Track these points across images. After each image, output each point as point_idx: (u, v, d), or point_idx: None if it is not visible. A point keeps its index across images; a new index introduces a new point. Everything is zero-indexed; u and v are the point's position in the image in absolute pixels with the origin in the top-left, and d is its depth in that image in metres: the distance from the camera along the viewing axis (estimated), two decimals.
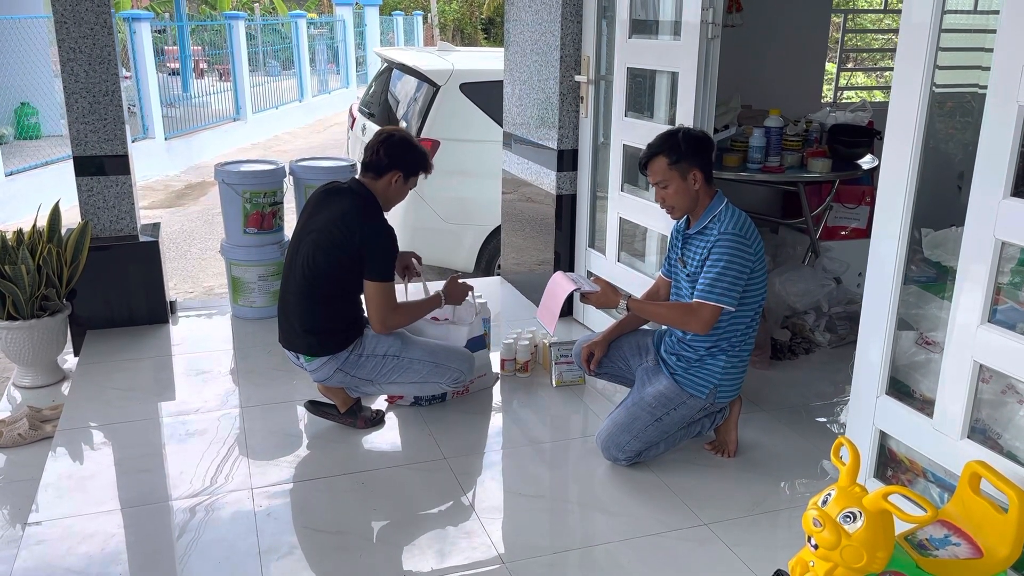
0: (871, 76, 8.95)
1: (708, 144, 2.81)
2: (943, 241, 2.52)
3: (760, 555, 2.44)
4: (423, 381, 3.11)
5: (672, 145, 2.75)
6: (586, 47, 3.92)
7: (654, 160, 2.78)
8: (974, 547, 1.94)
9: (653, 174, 2.79)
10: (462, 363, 3.16)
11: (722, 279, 2.67)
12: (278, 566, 2.37)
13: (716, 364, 2.82)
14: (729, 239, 2.69)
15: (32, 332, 3.62)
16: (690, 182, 2.75)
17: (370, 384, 3.10)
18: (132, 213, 4.06)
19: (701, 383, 2.83)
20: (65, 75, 3.80)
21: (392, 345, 3.05)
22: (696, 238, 2.82)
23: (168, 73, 12.44)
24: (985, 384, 2.27)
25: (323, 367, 3.02)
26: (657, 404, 2.83)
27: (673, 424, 2.85)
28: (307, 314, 2.99)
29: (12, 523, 2.76)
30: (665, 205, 2.82)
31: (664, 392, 2.84)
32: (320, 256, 2.94)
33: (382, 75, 6.20)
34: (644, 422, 2.82)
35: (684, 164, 2.73)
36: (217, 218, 7.81)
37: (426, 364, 3.08)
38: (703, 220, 2.79)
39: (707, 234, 2.77)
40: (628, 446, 2.83)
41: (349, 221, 2.92)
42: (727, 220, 2.73)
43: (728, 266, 2.67)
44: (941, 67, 2.33)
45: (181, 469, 2.87)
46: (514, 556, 2.43)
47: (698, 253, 2.79)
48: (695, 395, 2.83)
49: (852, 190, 4.59)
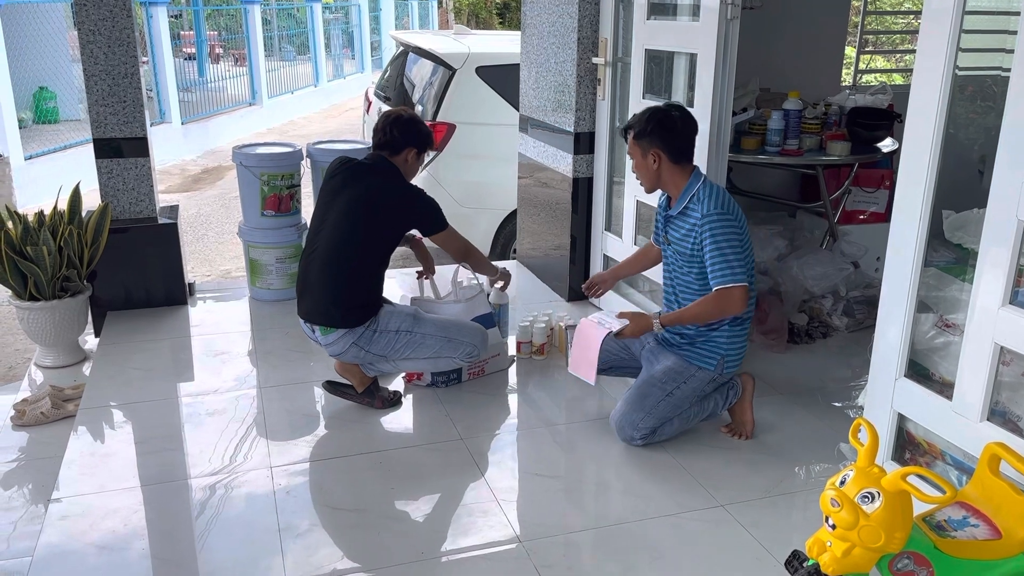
0: (891, 59, 8.86)
1: (672, 124, 2.81)
2: (964, 223, 2.50)
3: (777, 536, 2.44)
4: (436, 356, 3.14)
5: (638, 120, 2.84)
6: (604, 29, 3.90)
7: (627, 133, 2.90)
8: (993, 528, 1.94)
9: (628, 147, 2.91)
10: (474, 337, 3.18)
11: (728, 260, 2.72)
12: (297, 543, 2.40)
13: (720, 336, 2.87)
14: (714, 220, 2.73)
15: (54, 312, 3.66)
16: (649, 160, 2.82)
17: (384, 360, 3.12)
18: (151, 195, 4.09)
19: (708, 355, 2.87)
20: (85, 57, 3.83)
21: (405, 321, 3.09)
22: (678, 219, 2.87)
23: (184, 58, 12.46)
24: (1005, 367, 2.26)
25: (338, 341, 3.05)
26: (667, 379, 2.85)
27: (684, 399, 2.86)
28: (331, 285, 3.04)
29: (35, 500, 2.80)
30: (638, 178, 2.93)
31: (672, 367, 2.87)
32: (354, 228, 3.02)
33: (398, 59, 6.20)
34: (656, 398, 2.84)
35: (644, 142, 2.82)
36: (233, 202, 7.86)
37: (438, 339, 3.10)
38: (682, 200, 2.85)
39: (689, 215, 2.82)
40: (642, 423, 2.84)
41: (393, 191, 3.06)
42: (706, 200, 2.77)
43: (726, 246, 2.72)
44: (964, 49, 2.30)
45: (200, 448, 2.90)
46: (531, 535, 2.45)
47: (681, 232, 2.85)
48: (704, 367, 2.87)
49: (871, 174, 4.56)
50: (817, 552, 1.92)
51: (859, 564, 1.87)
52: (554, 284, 4.49)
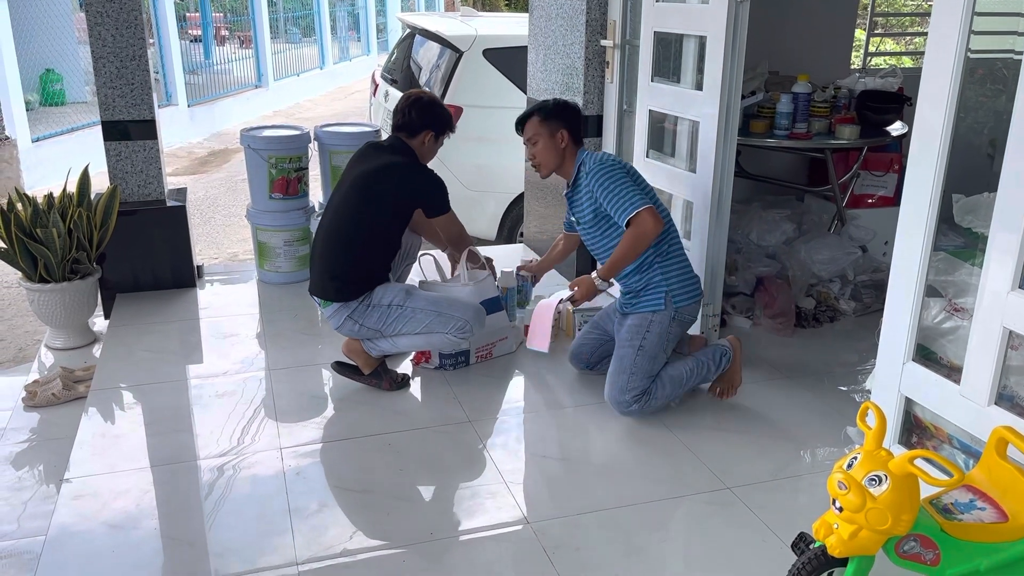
0: (900, 42, 8.80)
1: (575, 110, 3.12)
2: (975, 207, 2.50)
3: (783, 519, 2.45)
4: (428, 331, 3.14)
5: (545, 108, 3.09)
6: (612, 11, 3.88)
7: (528, 120, 3.10)
8: (999, 511, 1.95)
9: (527, 130, 3.10)
10: (465, 312, 3.15)
11: (622, 195, 2.89)
12: (307, 523, 2.42)
13: (654, 274, 3.02)
14: (596, 173, 2.96)
15: (64, 294, 3.68)
16: (558, 139, 3.05)
17: (379, 335, 3.15)
18: (159, 178, 4.09)
19: (653, 298, 3.02)
20: (92, 39, 3.82)
21: (397, 295, 3.11)
22: (574, 193, 3.11)
23: (190, 40, 12.43)
24: (1014, 351, 2.26)
25: (335, 314, 3.12)
26: (632, 336, 2.99)
27: (654, 346, 2.98)
28: (330, 259, 3.12)
29: (47, 480, 2.83)
30: (535, 161, 3.12)
31: (632, 324, 3.03)
32: (361, 204, 3.07)
33: (404, 41, 6.17)
34: (630, 357, 2.96)
35: (552, 123, 3.06)
36: (240, 185, 7.86)
37: (428, 313, 3.11)
38: (575, 176, 3.10)
39: (580, 184, 3.07)
40: (629, 384, 2.93)
41: (396, 170, 3.11)
42: (588, 162, 3.03)
43: (615, 186, 2.90)
44: (976, 32, 2.29)
45: (210, 429, 2.92)
46: (538, 517, 2.47)
47: (582, 204, 3.06)
48: (656, 310, 3.00)
49: (880, 157, 4.53)
50: (824, 534, 1.93)
51: (866, 546, 1.88)
52: (561, 268, 4.49)
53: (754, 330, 3.75)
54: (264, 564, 2.26)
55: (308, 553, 2.30)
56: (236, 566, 2.26)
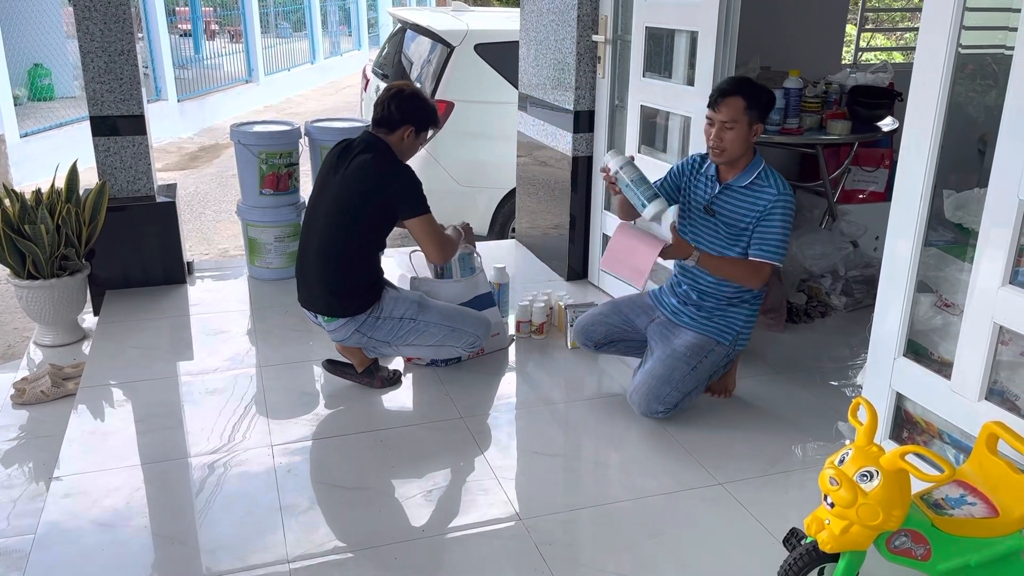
0: (891, 37, 8.81)
1: (773, 105, 2.86)
2: (966, 203, 2.50)
3: (774, 514, 2.46)
4: (439, 345, 3.13)
5: (754, 93, 2.76)
6: (604, 6, 3.87)
7: (732, 97, 2.75)
8: (990, 507, 1.95)
9: (726, 109, 2.75)
10: (478, 327, 3.18)
11: (783, 240, 2.80)
12: (298, 521, 2.41)
13: (739, 313, 2.95)
14: (787, 201, 2.80)
15: (52, 291, 3.65)
16: (752, 134, 2.80)
17: (387, 345, 3.12)
18: (149, 174, 4.07)
19: (725, 330, 2.95)
20: (81, 34, 3.79)
21: (409, 308, 3.06)
22: (742, 192, 2.85)
23: (179, 35, 12.36)
24: (1004, 346, 2.26)
25: (341, 328, 3.05)
26: (691, 353, 2.90)
27: (705, 371, 2.94)
28: (328, 275, 3.02)
29: (36, 478, 2.81)
30: (719, 146, 2.79)
31: (694, 342, 2.93)
32: (343, 214, 2.97)
33: (395, 36, 6.15)
34: (682, 372, 2.88)
35: (755, 114, 2.76)
36: (231, 180, 7.83)
37: (442, 328, 3.09)
38: (748, 175, 2.84)
39: (757, 191, 2.82)
40: (669, 398, 2.88)
41: (369, 172, 2.95)
42: (779, 181, 2.82)
43: (786, 227, 2.80)
44: (967, 27, 2.29)
45: (200, 427, 2.90)
46: (530, 513, 2.46)
47: (744, 206, 2.83)
48: (721, 342, 2.95)
49: (871, 153, 4.54)
50: (815, 530, 1.94)
51: (857, 542, 1.88)
52: (553, 263, 4.49)
53: None
54: (255, 562, 2.25)
55: (299, 550, 2.29)
56: (227, 564, 2.25)
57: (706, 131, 2.82)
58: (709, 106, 2.80)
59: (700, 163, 2.98)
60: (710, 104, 2.80)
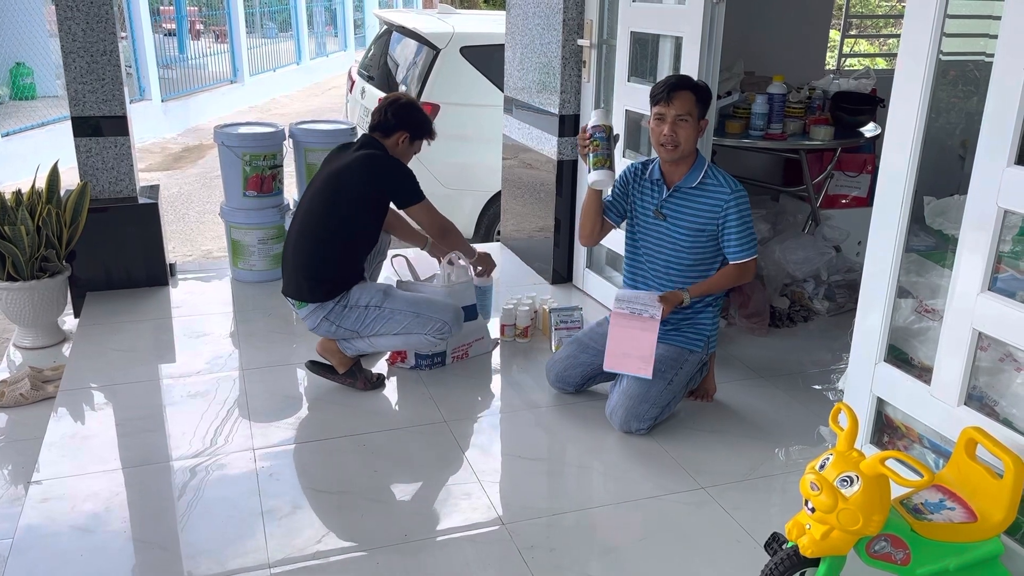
0: (874, 43, 8.88)
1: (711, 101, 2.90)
2: (945, 209, 2.52)
3: (756, 518, 2.47)
4: (406, 332, 3.12)
5: (700, 89, 2.81)
6: (589, 11, 3.87)
7: (684, 91, 2.76)
8: (968, 511, 1.97)
9: (679, 102, 2.74)
10: (445, 313, 3.13)
11: (752, 232, 2.85)
12: (280, 525, 2.40)
13: (706, 318, 2.98)
14: (742, 197, 2.83)
15: (32, 293, 3.62)
16: (700, 127, 2.83)
17: (356, 336, 3.12)
18: (131, 175, 4.04)
19: (695, 338, 2.97)
20: (62, 34, 3.76)
21: (375, 296, 3.10)
22: (693, 193, 2.86)
23: (164, 34, 12.28)
24: (983, 352, 2.28)
25: (311, 315, 3.11)
26: (666, 368, 2.89)
27: (682, 382, 2.94)
28: (302, 258, 3.10)
29: (15, 482, 2.78)
30: (674, 140, 2.77)
31: (667, 355, 2.91)
32: (325, 203, 3.07)
33: (381, 38, 6.14)
34: (659, 388, 2.86)
35: (702, 109, 2.81)
36: (215, 181, 7.78)
37: (407, 314, 3.09)
38: (695, 175, 2.85)
39: (710, 191, 2.84)
40: (647, 414, 2.87)
41: (361, 165, 3.07)
42: (728, 179, 2.86)
43: (749, 221, 2.84)
44: (948, 34, 2.31)
45: (182, 430, 2.88)
46: (513, 517, 2.46)
47: (694, 208, 2.86)
48: (693, 350, 2.96)
49: (854, 158, 4.58)
50: (796, 535, 1.95)
51: (837, 546, 1.89)
52: (538, 267, 4.49)
53: (729, 330, 3.77)
54: (236, 566, 2.24)
55: (281, 555, 2.28)
56: (207, 569, 2.23)
57: (654, 129, 2.81)
58: (659, 102, 2.77)
59: (642, 170, 2.99)
60: (660, 100, 2.77)
